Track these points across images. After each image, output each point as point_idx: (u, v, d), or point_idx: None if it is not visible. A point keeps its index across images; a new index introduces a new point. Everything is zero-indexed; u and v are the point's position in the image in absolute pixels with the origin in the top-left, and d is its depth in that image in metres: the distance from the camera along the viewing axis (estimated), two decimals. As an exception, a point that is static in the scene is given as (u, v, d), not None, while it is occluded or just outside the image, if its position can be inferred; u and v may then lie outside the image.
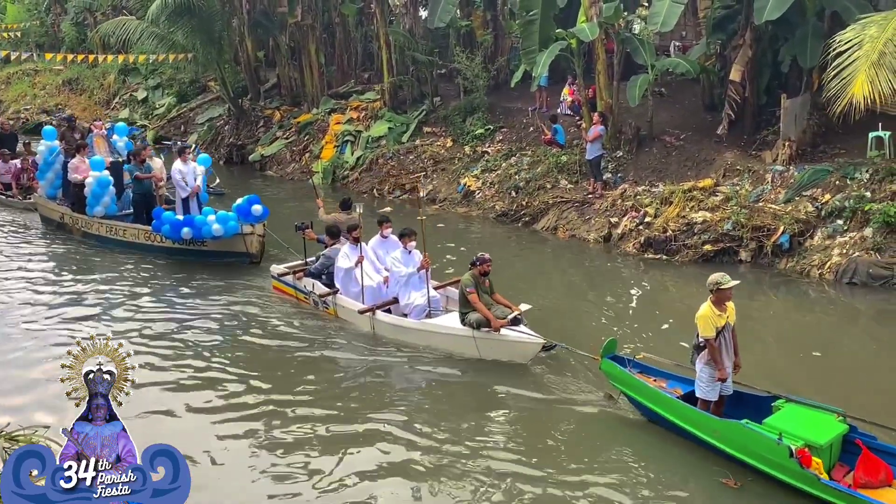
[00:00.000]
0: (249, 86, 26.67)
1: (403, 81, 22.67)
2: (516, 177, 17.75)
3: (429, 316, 10.38)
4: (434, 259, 11.68)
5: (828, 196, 13.57)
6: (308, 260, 12.13)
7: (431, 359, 9.85)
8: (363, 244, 11.04)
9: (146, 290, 12.79)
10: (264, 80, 27.68)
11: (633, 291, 12.67)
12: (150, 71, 30.94)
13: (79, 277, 13.41)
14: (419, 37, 22.39)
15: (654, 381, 8.04)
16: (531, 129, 19.50)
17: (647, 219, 14.69)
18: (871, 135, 13.95)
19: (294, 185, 21.98)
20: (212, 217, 13.35)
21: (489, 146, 19.65)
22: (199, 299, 12.29)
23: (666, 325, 11.05)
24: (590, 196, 16.19)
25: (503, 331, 9.32)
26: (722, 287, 7.31)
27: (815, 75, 14.82)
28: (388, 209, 18.70)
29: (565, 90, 19.58)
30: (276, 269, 12.29)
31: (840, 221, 13.11)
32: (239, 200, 13.66)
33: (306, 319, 11.34)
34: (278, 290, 12.24)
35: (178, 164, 14.69)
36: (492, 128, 20.13)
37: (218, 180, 15.48)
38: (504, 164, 18.54)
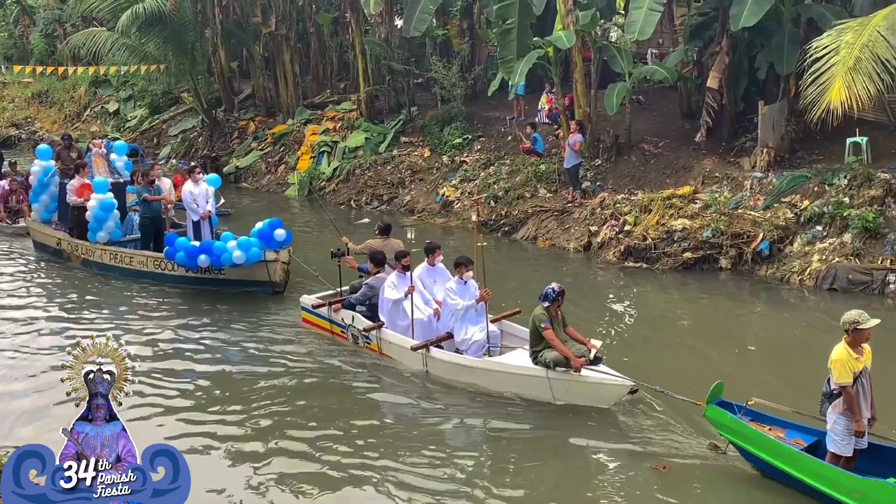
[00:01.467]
0: (223, 97, 26.38)
1: (380, 91, 22.54)
2: (495, 186, 17.64)
3: (488, 353, 9.29)
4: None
5: (807, 202, 13.59)
6: (340, 290, 10.95)
7: (494, 402, 8.72)
8: (411, 273, 9.90)
9: (157, 323, 11.56)
10: (238, 90, 27.39)
11: (618, 301, 12.55)
12: (121, 83, 30.56)
13: (80, 310, 12.21)
14: (395, 46, 22.27)
15: (769, 429, 7.07)
16: (509, 137, 19.42)
17: (627, 227, 14.63)
18: (849, 140, 14.02)
19: (270, 196, 21.70)
20: (232, 243, 12.11)
21: (467, 156, 19.54)
22: (218, 334, 11.08)
23: (652, 335, 10.94)
24: (569, 205, 16.10)
25: (584, 371, 8.27)
26: (860, 327, 6.38)
27: (793, 82, 14.87)
28: (366, 220, 18.72)
29: (543, 99, 19.53)
30: (307, 299, 11.02)
31: (819, 227, 13.14)
32: (259, 224, 12.46)
33: (344, 357, 10.13)
34: (309, 323, 11.03)
35: (188, 186, 13.64)
36: (470, 137, 20.02)
37: (223, 200, 14.36)
38: (483, 174, 18.44)
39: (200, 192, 13.64)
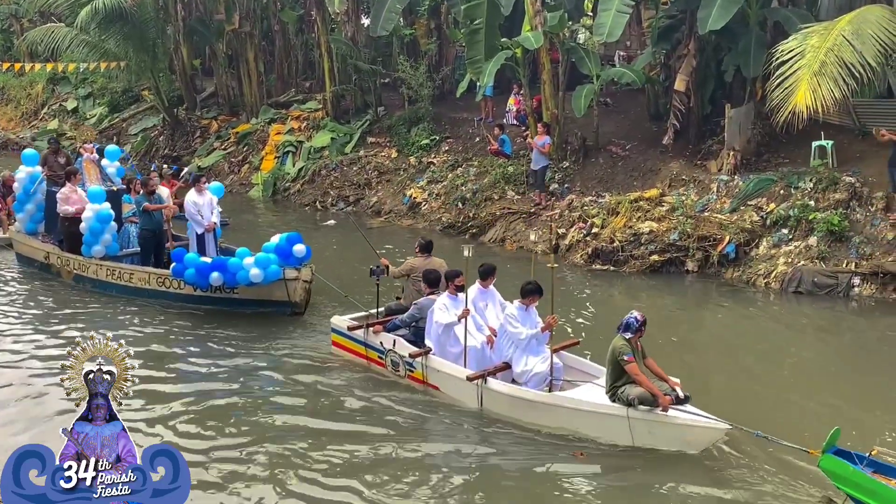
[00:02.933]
0: (185, 95, 25.88)
1: (346, 90, 22.26)
2: (463, 188, 17.48)
3: (549, 387, 8.28)
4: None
5: (772, 205, 13.65)
6: (373, 311, 9.93)
7: (562, 445, 7.67)
8: (466, 295, 8.87)
9: (162, 348, 10.40)
10: (201, 89, 26.95)
11: (586, 304, 12.44)
12: (80, 80, 29.96)
13: (73, 332, 10.65)
14: (362, 45, 21.99)
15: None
16: (477, 139, 19.28)
17: (594, 230, 14.58)
18: (815, 144, 14.09)
19: (233, 197, 21.24)
20: (249, 259, 11.03)
21: (435, 157, 19.36)
22: (231, 360, 9.92)
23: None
24: (536, 207, 16.00)
25: (671, 411, 7.33)
26: None
27: (759, 85, 14.93)
28: (331, 222, 18.43)
29: (511, 100, 19.43)
30: (340, 321, 9.88)
31: (785, 230, 13.19)
32: (275, 238, 11.40)
33: (382, 387, 9.02)
34: (340, 347, 9.91)
35: (192, 195, 12.52)
36: (437, 138, 19.85)
37: (221, 209, 13.34)
38: (450, 175, 18.27)
39: (205, 203, 12.47)
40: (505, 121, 19.03)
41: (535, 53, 17.04)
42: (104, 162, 14.11)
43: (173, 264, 11.54)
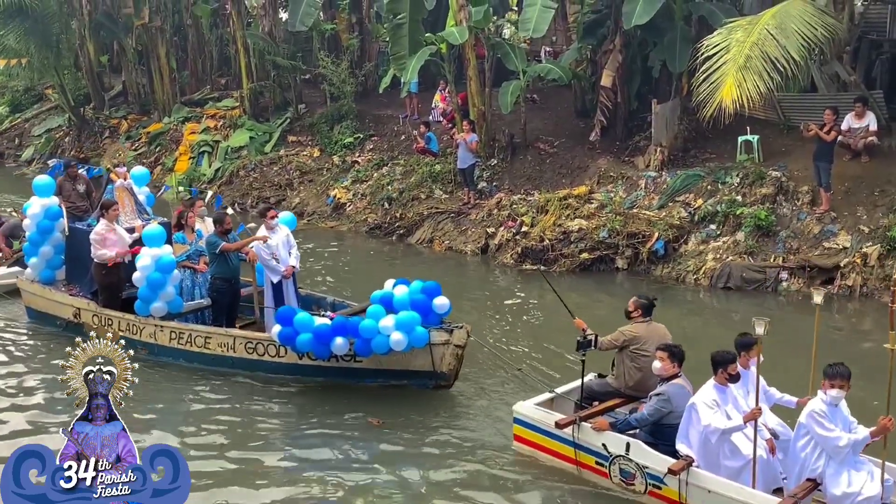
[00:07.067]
0: (92, 93, 24.78)
1: (264, 88, 21.54)
2: (389, 187, 16.98)
3: None
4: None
5: (700, 201, 13.62)
6: (559, 390, 7.72)
7: None
8: (733, 387, 6.64)
9: (257, 445, 7.94)
10: (109, 86, 25.91)
11: (519, 306, 12.09)
12: (-23, 78, 28.24)
13: (136, 416, 7.95)
14: (280, 40, 21.31)
15: None
16: (403, 137, 18.83)
17: (524, 228, 14.32)
18: (741, 139, 14.13)
19: (146, 200, 20.20)
20: (387, 321, 8.39)
21: (359, 156, 18.81)
22: (366, 463, 7.44)
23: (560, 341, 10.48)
24: (465, 206, 15.64)
25: None
26: None
27: (685, 80, 14.89)
28: (252, 225, 17.53)
29: (437, 96, 19.03)
30: (531, 410, 7.41)
31: (713, 226, 13.19)
32: (390, 286, 8.86)
33: None
34: (530, 444, 7.41)
35: (261, 233, 9.96)
36: (361, 136, 19.31)
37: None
38: (375, 175, 17.76)
39: (279, 241, 9.93)
40: (431, 118, 18.61)
41: (460, 49, 16.72)
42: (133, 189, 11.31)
43: (277, 327, 8.86)
